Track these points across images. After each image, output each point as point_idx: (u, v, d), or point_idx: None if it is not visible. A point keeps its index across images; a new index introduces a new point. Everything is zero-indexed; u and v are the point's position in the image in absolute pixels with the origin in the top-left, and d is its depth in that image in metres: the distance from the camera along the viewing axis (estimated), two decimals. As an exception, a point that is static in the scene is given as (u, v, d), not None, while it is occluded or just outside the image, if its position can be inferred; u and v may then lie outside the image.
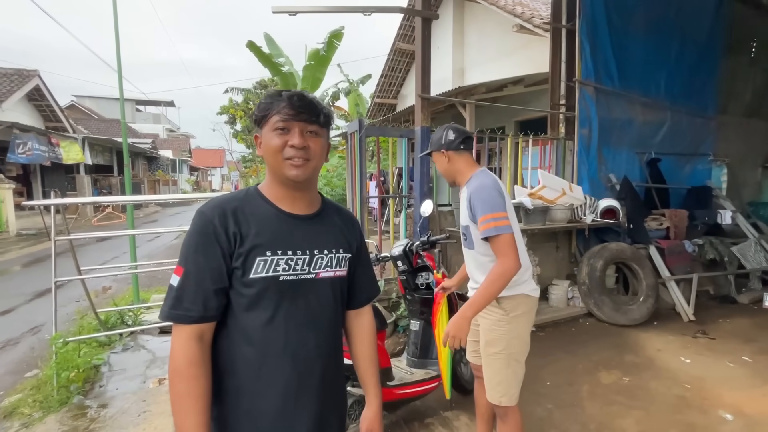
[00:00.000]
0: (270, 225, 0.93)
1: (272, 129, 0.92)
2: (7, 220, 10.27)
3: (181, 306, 0.87)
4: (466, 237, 1.76)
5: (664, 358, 3.18)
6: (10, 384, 2.94)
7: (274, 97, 0.94)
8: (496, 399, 1.68)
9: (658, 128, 5.09)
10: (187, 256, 0.89)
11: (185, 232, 0.96)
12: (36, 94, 13.30)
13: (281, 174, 0.93)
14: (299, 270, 0.94)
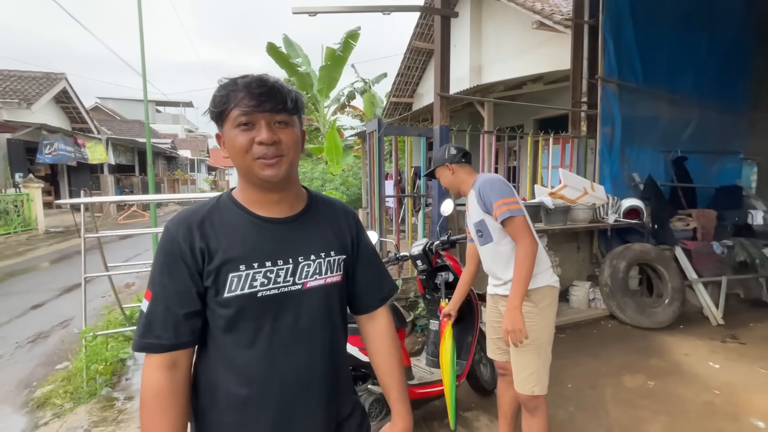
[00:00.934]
0: (243, 235, 0.81)
1: (234, 125, 0.78)
2: (36, 218, 10.69)
3: (151, 334, 0.78)
4: (481, 233, 1.82)
5: (692, 362, 3.08)
6: (42, 375, 3.06)
7: (228, 87, 0.79)
8: (528, 389, 1.69)
9: (685, 126, 4.92)
10: (154, 278, 0.80)
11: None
12: (63, 97, 13.81)
13: (253, 176, 0.80)
14: (281, 282, 0.82)
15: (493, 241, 1.77)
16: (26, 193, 10.45)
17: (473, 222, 1.83)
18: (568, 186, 3.84)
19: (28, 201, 10.46)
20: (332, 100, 14.43)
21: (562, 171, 4.02)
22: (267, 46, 11.80)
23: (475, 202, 1.78)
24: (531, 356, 1.70)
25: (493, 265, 1.83)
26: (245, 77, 0.79)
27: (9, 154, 11.34)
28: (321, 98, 13.80)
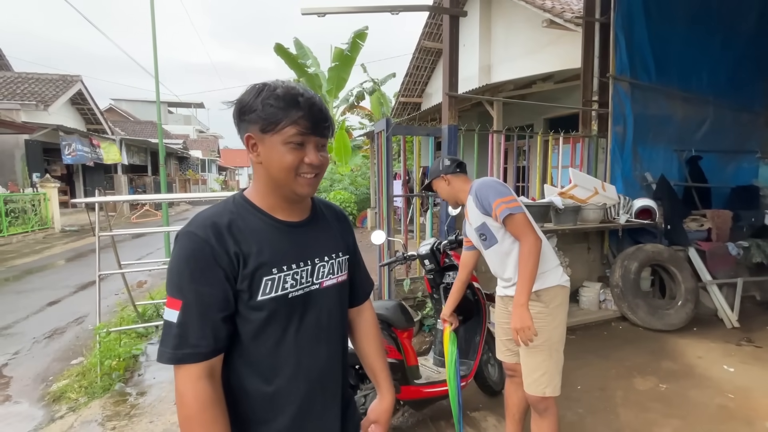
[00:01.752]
0: (270, 239, 0.84)
1: (285, 142, 0.79)
2: (53, 217, 10.95)
3: (187, 343, 0.75)
4: (485, 236, 1.81)
5: (705, 365, 3.03)
6: (58, 370, 3.14)
7: (289, 102, 0.79)
8: (539, 391, 1.67)
9: (700, 124, 4.82)
10: (181, 285, 0.76)
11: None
12: (78, 98, 14.11)
13: (289, 190, 0.84)
14: (304, 283, 0.86)
15: (497, 242, 1.76)
16: (43, 193, 10.72)
17: (475, 227, 1.83)
18: (578, 186, 3.80)
19: (45, 200, 10.72)
20: (341, 100, 14.48)
21: (572, 170, 3.98)
22: (275, 46, 11.90)
23: (474, 207, 1.78)
24: (543, 357, 1.68)
25: (501, 267, 1.81)
26: (305, 97, 0.80)
27: (27, 155, 11.63)
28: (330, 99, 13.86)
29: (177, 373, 0.76)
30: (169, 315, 0.77)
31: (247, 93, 0.83)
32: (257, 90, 0.81)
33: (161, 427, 2.36)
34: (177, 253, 0.79)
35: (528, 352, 1.70)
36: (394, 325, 2.14)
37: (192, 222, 0.81)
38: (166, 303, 0.78)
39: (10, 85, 12.43)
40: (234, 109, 0.84)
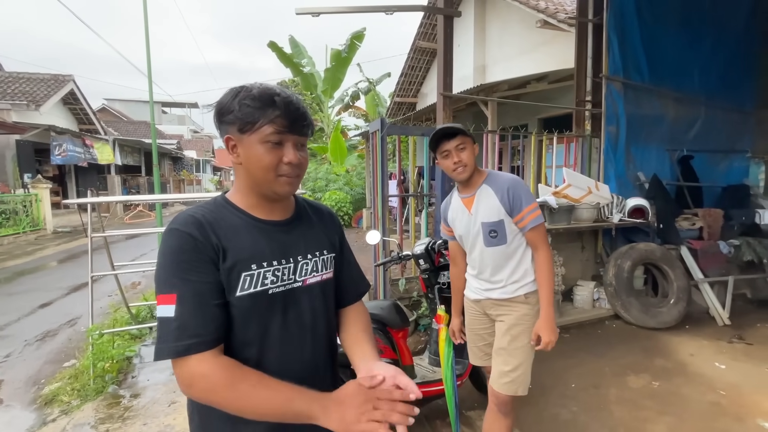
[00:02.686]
0: (249, 236, 0.84)
1: (262, 141, 0.80)
2: (45, 218, 10.82)
3: (189, 333, 0.73)
4: (496, 234, 1.68)
5: (697, 363, 3.06)
6: (50, 373, 3.11)
7: (265, 101, 0.79)
8: (512, 390, 1.68)
9: (691, 124, 4.88)
10: (172, 280, 0.76)
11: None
12: (71, 98, 13.97)
13: (270, 190, 0.85)
14: (286, 280, 0.86)
15: (506, 243, 1.69)
16: (35, 194, 10.59)
17: (488, 221, 1.67)
18: (572, 185, 3.82)
19: (37, 201, 10.60)
20: (336, 100, 14.47)
21: (566, 170, 4.00)
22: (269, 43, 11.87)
23: (495, 201, 1.65)
24: (524, 357, 1.69)
25: (496, 268, 1.72)
26: (281, 96, 0.81)
27: (18, 155, 11.49)
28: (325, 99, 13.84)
29: (184, 366, 0.74)
30: (163, 311, 0.75)
31: (225, 95, 0.83)
32: (234, 92, 0.82)
33: (155, 429, 2.34)
34: (163, 251, 0.79)
35: (510, 353, 1.69)
36: (389, 324, 2.14)
37: (173, 221, 0.82)
38: (158, 300, 0.76)
39: (1, 84, 12.28)
40: (213, 111, 0.85)
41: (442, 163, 1.68)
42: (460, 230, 1.78)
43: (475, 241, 1.75)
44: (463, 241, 1.82)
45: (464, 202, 1.75)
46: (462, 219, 1.76)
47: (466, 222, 1.75)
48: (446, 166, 1.67)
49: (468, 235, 1.76)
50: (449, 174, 1.69)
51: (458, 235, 1.82)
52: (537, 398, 2.59)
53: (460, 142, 1.63)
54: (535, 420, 2.37)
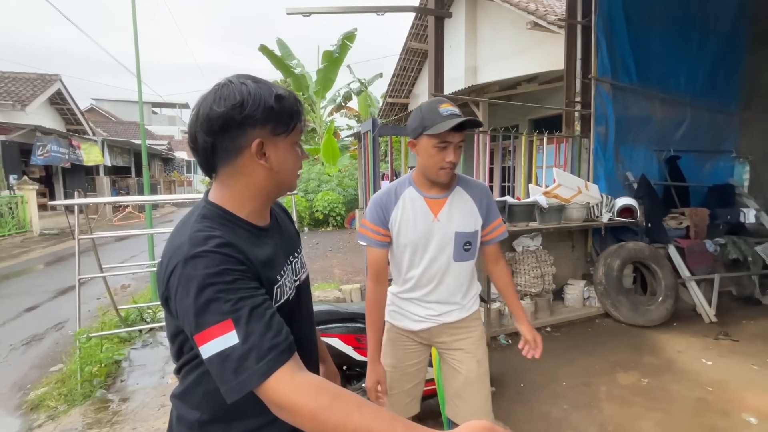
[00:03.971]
0: (263, 248, 0.80)
1: (292, 144, 0.80)
2: (31, 220, 10.62)
3: (264, 349, 0.65)
4: (470, 246, 1.43)
5: (685, 359, 3.11)
6: (36, 378, 3.05)
7: (296, 99, 0.79)
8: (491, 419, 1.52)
9: (678, 125, 4.97)
10: (220, 307, 0.66)
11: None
12: (58, 98, 13.74)
13: (284, 190, 0.83)
14: (293, 282, 0.87)
15: (474, 257, 1.47)
16: (20, 195, 10.39)
17: (463, 231, 1.40)
18: (562, 185, 3.87)
19: (23, 203, 10.39)
20: (328, 101, 14.44)
21: (556, 170, 4.04)
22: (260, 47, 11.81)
23: (474, 209, 1.43)
24: (488, 383, 1.52)
25: (459, 287, 1.46)
26: (291, 92, 0.80)
27: (3, 156, 11.26)
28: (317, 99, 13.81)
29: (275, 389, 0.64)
30: (222, 344, 0.64)
31: (245, 95, 0.74)
32: (257, 92, 0.75)
33: (144, 434, 2.31)
34: (197, 281, 0.67)
35: (482, 379, 1.48)
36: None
37: (191, 245, 0.70)
38: (205, 337, 0.65)
39: (-16, 84, 12.03)
40: (226, 112, 0.73)
41: (431, 152, 1.30)
42: (412, 236, 1.39)
43: (437, 253, 1.40)
44: (408, 251, 1.41)
45: (428, 203, 1.40)
46: (419, 223, 1.39)
47: (426, 228, 1.39)
48: (435, 159, 1.30)
49: (426, 245, 1.40)
50: (431, 169, 1.34)
51: (403, 243, 1.41)
52: (528, 396, 2.61)
53: (463, 138, 1.33)
54: (527, 418, 2.39)
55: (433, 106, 1.29)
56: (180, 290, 0.68)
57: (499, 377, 2.81)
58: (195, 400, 0.80)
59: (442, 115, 1.25)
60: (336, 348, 1.87)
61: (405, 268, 1.43)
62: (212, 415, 0.79)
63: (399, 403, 1.51)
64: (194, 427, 0.80)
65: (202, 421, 0.79)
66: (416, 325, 1.47)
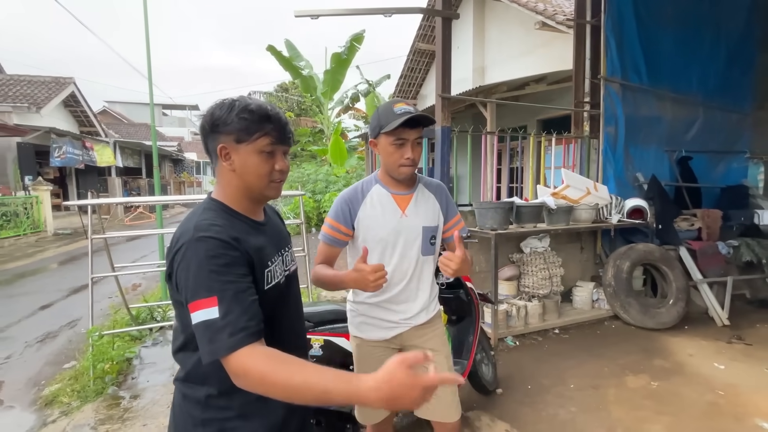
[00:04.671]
0: (256, 237, 0.93)
1: (258, 151, 0.90)
2: (45, 220, 10.84)
3: (236, 329, 0.77)
4: (434, 240, 1.47)
5: (696, 363, 3.06)
6: (50, 374, 3.11)
7: (261, 115, 0.89)
8: (459, 413, 1.53)
9: (690, 125, 4.89)
10: (210, 285, 0.79)
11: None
12: (71, 101, 14.01)
13: (261, 194, 0.95)
14: (284, 270, 1.00)
15: (436, 252, 1.50)
16: (35, 196, 10.62)
17: (429, 225, 1.45)
18: (570, 186, 3.84)
19: (38, 203, 10.62)
20: (336, 102, 14.50)
21: (564, 171, 4.02)
22: (267, 47, 11.91)
23: (436, 204, 1.49)
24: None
25: (425, 282, 1.48)
26: (272, 111, 0.91)
27: (19, 158, 11.52)
28: (325, 100, 13.87)
29: (236, 360, 0.76)
30: (206, 315, 0.78)
31: (217, 107, 0.91)
32: (229, 105, 0.90)
33: (155, 430, 2.35)
34: (196, 257, 0.81)
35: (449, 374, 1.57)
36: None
37: (196, 229, 0.84)
38: (195, 306, 0.79)
39: (2, 87, 12.33)
40: (205, 121, 0.92)
41: (389, 150, 1.34)
42: (382, 233, 1.40)
43: (407, 248, 1.42)
44: (378, 249, 1.41)
45: (396, 199, 1.43)
46: (388, 219, 1.41)
47: (395, 223, 1.41)
48: (394, 157, 1.34)
49: (396, 241, 1.41)
50: (390, 165, 1.37)
51: (373, 240, 1.41)
52: (535, 398, 2.59)
53: (420, 135, 1.36)
54: (533, 420, 2.38)
55: (388, 107, 1.34)
56: (182, 265, 0.83)
57: (506, 379, 2.80)
58: (200, 378, 0.90)
59: (396, 113, 1.30)
60: (342, 347, 1.89)
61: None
62: (218, 389, 0.89)
63: (367, 414, 1.56)
64: (201, 401, 0.90)
65: (209, 395, 0.90)
66: (388, 333, 1.48)
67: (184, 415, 0.93)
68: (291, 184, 10.85)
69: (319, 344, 1.90)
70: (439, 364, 1.50)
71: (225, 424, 0.90)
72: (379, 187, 1.44)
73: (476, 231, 3.48)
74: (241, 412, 0.90)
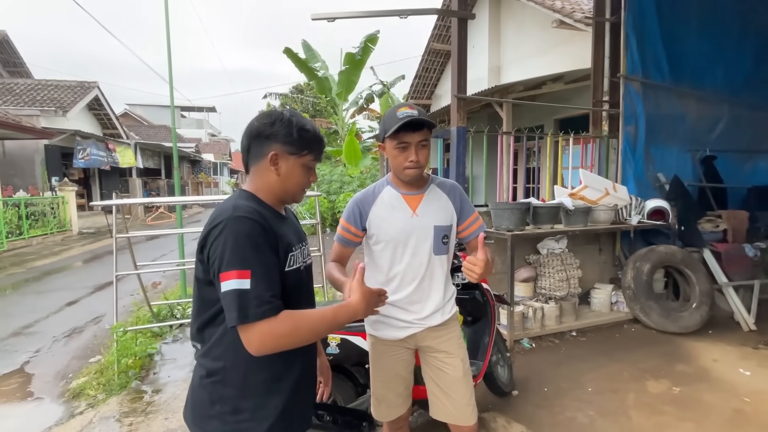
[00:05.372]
0: (282, 226, 1.06)
1: (303, 165, 1.06)
2: (71, 219, 11.24)
3: (265, 302, 0.89)
4: (447, 239, 1.48)
5: (721, 369, 2.97)
6: (77, 368, 3.23)
7: (315, 137, 1.06)
8: (475, 417, 1.52)
9: (715, 123, 4.74)
10: (246, 258, 0.90)
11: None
12: (95, 104, 14.46)
13: (292, 198, 1.10)
14: (304, 259, 1.13)
15: (450, 252, 1.53)
16: (62, 196, 11.02)
17: (441, 225, 1.46)
18: (588, 187, 3.77)
19: (64, 204, 11.02)
20: (350, 103, 14.57)
21: (582, 171, 3.95)
22: (284, 49, 12.05)
23: (449, 204, 1.50)
24: (471, 378, 1.57)
25: (438, 282, 1.49)
26: (320, 134, 1.09)
27: (46, 159, 11.97)
28: (339, 101, 13.95)
29: (257, 328, 0.89)
30: (238, 284, 0.89)
31: (276, 120, 1.03)
32: (287, 120, 1.03)
33: (176, 424, 2.42)
34: (235, 234, 0.92)
35: (467, 378, 1.53)
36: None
37: (236, 209, 0.95)
38: (229, 276, 0.89)
39: (30, 92, 12.82)
40: (261, 127, 1.04)
41: (393, 153, 1.38)
42: (392, 231, 1.44)
43: (418, 247, 1.44)
44: (390, 248, 1.45)
45: (406, 199, 1.46)
46: (398, 218, 1.44)
47: (405, 222, 1.44)
48: (398, 159, 1.37)
49: (407, 240, 1.44)
50: (396, 168, 1.42)
51: (384, 239, 1.45)
52: (552, 401, 2.56)
53: (425, 137, 1.37)
54: (550, 423, 2.35)
55: (392, 112, 1.37)
56: (219, 239, 0.92)
57: (522, 381, 2.78)
58: (218, 353, 0.99)
59: (398, 117, 1.33)
60: (358, 346, 1.91)
61: (388, 266, 1.47)
62: (233, 363, 0.98)
63: (394, 404, 1.58)
64: (219, 372, 0.99)
65: (224, 367, 0.99)
66: (402, 332, 1.49)
67: (201, 394, 1.01)
68: (306, 185, 10.94)
69: (336, 342, 1.93)
70: (454, 367, 1.51)
71: (240, 404, 0.98)
72: (390, 189, 1.49)
73: (492, 232, 3.46)
74: (253, 392, 1.00)
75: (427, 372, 1.57)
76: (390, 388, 1.56)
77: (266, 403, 1.00)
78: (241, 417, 0.98)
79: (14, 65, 15.88)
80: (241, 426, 0.98)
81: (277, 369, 1.02)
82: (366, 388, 2.02)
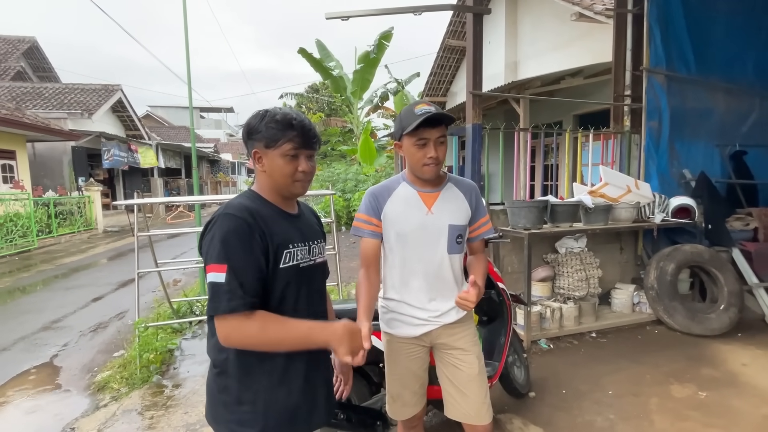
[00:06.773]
0: (282, 223, 1.07)
1: (283, 155, 1.03)
2: (96, 218, 11.64)
3: (237, 296, 0.93)
4: (461, 239, 1.48)
5: (751, 374, 2.84)
6: (102, 362, 3.35)
7: (285, 124, 1.02)
8: (490, 416, 1.51)
9: (745, 117, 4.54)
10: (227, 253, 0.94)
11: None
12: (119, 106, 14.92)
13: (287, 192, 1.08)
14: (308, 257, 1.11)
15: (463, 251, 1.53)
16: (88, 196, 11.43)
17: (456, 224, 1.45)
18: (609, 184, 3.66)
19: (89, 203, 11.43)
20: (365, 101, 14.59)
21: (602, 168, 3.84)
22: (299, 50, 12.15)
23: (465, 204, 1.49)
24: (486, 376, 1.56)
25: (453, 282, 1.49)
26: (297, 120, 1.03)
27: (73, 160, 12.44)
28: (354, 100, 13.99)
29: (227, 321, 0.94)
30: (215, 277, 0.94)
31: (252, 118, 1.06)
32: (261, 116, 1.05)
33: (195, 418, 2.47)
34: (221, 230, 0.96)
35: (482, 376, 1.52)
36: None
37: (228, 207, 1.00)
38: (210, 269, 0.94)
39: (58, 95, 13.32)
40: (243, 130, 1.09)
41: (412, 150, 1.37)
42: (407, 227, 1.43)
43: (433, 245, 1.44)
44: (404, 245, 1.44)
45: (422, 197, 1.45)
46: (414, 215, 1.43)
47: (421, 220, 1.43)
48: (417, 156, 1.37)
49: (421, 237, 1.43)
50: (414, 165, 1.41)
51: (398, 236, 1.44)
52: (571, 404, 2.51)
53: (443, 134, 1.37)
54: (568, 426, 2.30)
55: (410, 109, 1.38)
56: (208, 234, 0.99)
57: (539, 383, 2.73)
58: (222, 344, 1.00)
59: (417, 114, 1.32)
60: (373, 345, 1.90)
61: (402, 263, 1.46)
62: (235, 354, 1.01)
63: (409, 402, 1.57)
64: (222, 363, 1.03)
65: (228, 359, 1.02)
66: (417, 330, 1.49)
67: (211, 382, 1.08)
68: (321, 184, 11.03)
69: (350, 341, 1.92)
70: (470, 364, 1.50)
71: (242, 395, 1.02)
72: (405, 185, 1.48)
73: (509, 230, 3.40)
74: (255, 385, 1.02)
75: (441, 370, 1.56)
76: (405, 386, 1.56)
77: (268, 396, 1.02)
78: (243, 408, 1.02)
79: (44, 70, 16.55)
80: (244, 417, 1.02)
81: (279, 363, 1.03)
82: (380, 387, 2.02)
